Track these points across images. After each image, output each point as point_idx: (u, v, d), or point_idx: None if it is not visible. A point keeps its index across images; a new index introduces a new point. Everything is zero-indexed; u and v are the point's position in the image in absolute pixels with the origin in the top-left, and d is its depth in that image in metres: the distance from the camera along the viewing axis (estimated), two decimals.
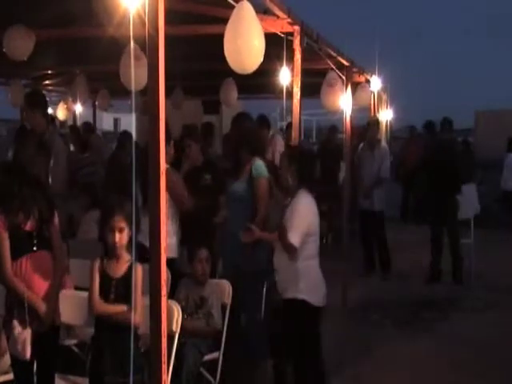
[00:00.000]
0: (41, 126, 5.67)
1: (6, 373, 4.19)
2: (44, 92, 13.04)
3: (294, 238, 4.33)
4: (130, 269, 3.73)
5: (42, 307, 3.82)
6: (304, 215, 4.43)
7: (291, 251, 4.39)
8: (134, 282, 3.65)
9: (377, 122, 9.55)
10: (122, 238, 3.76)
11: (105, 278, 3.81)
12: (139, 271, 3.68)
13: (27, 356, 3.72)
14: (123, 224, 3.75)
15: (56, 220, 3.93)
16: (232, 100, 9.64)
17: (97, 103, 11.71)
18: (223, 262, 5.61)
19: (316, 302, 4.57)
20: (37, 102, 5.77)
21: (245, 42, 3.88)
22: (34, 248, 3.84)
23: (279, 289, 4.60)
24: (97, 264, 3.84)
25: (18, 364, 3.82)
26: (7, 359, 4.08)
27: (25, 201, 3.78)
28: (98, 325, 3.85)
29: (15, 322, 3.73)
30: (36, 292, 3.81)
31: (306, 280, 4.50)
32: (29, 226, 3.79)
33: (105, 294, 3.78)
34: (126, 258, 3.80)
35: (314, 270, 4.61)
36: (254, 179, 5.17)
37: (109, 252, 3.83)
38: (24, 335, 3.72)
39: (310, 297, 4.52)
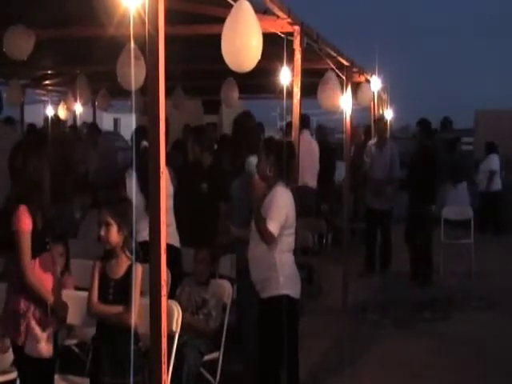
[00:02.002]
0: None
1: (6, 372, 4.20)
2: (44, 92, 13.11)
3: (273, 227, 4.34)
4: (129, 269, 3.73)
5: (64, 308, 3.85)
6: (282, 206, 4.43)
7: (270, 240, 4.38)
8: (133, 283, 3.64)
9: (384, 120, 9.55)
10: (108, 232, 3.70)
11: (104, 278, 3.80)
12: (139, 272, 3.68)
13: (51, 353, 3.74)
14: (109, 219, 3.70)
15: None
16: (233, 100, 9.64)
17: (96, 103, 11.70)
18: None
19: (296, 294, 4.54)
20: None
21: (243, 41, 3.87)
22: (47, 247, 3.85)
23: (256, 289, 4.54)
24: (97, 265, 3.84)
25: (36, 363, 3.77)
26: (8, 358, 4.09)
27: (42, 200, 3.79)
28: (99, 325, 3.85)
29: (33, 323, 3.72)
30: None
31: (284, 274, 4.46)
32: (41, 225, 3.78)
33: (103, 295, 3.77)
34: (125, 259, 3.79)
35: (290, 262, 4.56)
36: (247, 176, 5.09)
37: (105, 251, 3.83)
38: (46, 334, 3.72)
39: (291, 290, 4.49)
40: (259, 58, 4.00)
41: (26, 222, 3.64)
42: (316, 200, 9.20)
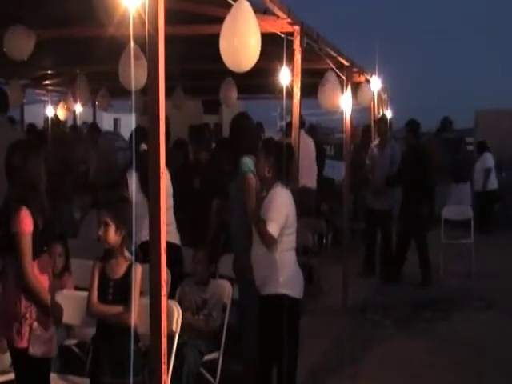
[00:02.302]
0: None
1: (5, 372, 4.19)
2: (44, 92, 13.10)
3: (273, 229, 4.32)
4: (128, 269, 3.73)
5: (59, 309, 3.85)
6: (282, 207, 4.42)
7: (270, 242, 4.36)
8: (133, 283, 3.64)
9: (386, 120, 9.55)
10: (106, 232, 3.72)
11: (103, 278, 3.81)
12: (138, 272, 3.68)
13: (54, 353, 3.80)
14: (108, 219, 3.71)
15: None
16: (232, 100, 9.64)
17: (97, 103, 11.70)
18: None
19: (296, 294, 4.52)
20: None
21: (241, 41, 3.87)
22: (45, 248, 3.85)
23: (257, 285, 4.53)
24: (97, 265, 3.84)
25: (36, 363, 3.77)
26: (7, 358, 4.08)
27: (42, 200, 3.79)
28: (99, 325, 3.85)
29: (35, 324, 3.70)
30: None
31: (284, 273, 4.45)
32: (41, 226, 3.78)
33: (103, 295, 3.78)
34: (124, 259, 3.79)
35: (291, 262, 4.54)
36: (241, 176, 5.06)
37: (105, 251, 3.83)
38: (49, 334, 3.74)
39: (291, 290, 4.47)
40: (257, 58, 4.00)
41: (27, 223, 3.63)
42: (316, 200, 9.21)
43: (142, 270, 3.60)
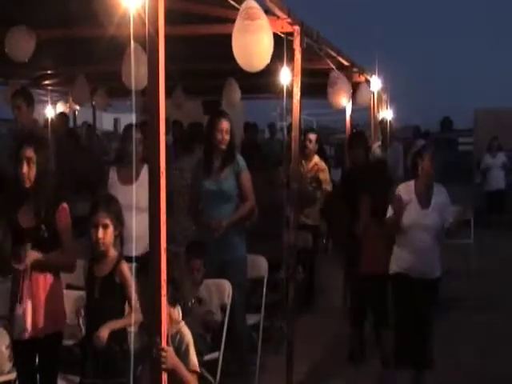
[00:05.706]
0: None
1: (6, 372, 4.20)
2: (44, 92, 13.08)
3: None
4: (114, 267, 3.75)
5: None
6: None
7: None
8: (127, 281, 3.67)
9: (388, 122, 9.57)
10: (105, 234, 3.75)
11: (90, 277, 3.84)
12: (125, 269, 3.70)
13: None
14: (107, 221, 3.74)
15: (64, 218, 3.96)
16: (234, 100, 9.66)
17: (94, 103, 11.71)
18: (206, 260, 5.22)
19: (393, 269, 5.36)
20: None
21: (254, 40, 3.87)
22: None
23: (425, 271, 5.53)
24: (86, 264, 3.88)
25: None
26: (5, 361, 4.09)
27: (24, 199, 3.81)
28: (88, 326, 3.86)
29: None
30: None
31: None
32: (26, 223, 3.80)
33: (90, 293, 3.83)
34: (111, 257, 3.81)
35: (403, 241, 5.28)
36: (240, 172, 5.26)
37: (94, 250, 3.84)
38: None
39: (393, 266, 5.36)
40: (270, 57, 4.02)
41: None
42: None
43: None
